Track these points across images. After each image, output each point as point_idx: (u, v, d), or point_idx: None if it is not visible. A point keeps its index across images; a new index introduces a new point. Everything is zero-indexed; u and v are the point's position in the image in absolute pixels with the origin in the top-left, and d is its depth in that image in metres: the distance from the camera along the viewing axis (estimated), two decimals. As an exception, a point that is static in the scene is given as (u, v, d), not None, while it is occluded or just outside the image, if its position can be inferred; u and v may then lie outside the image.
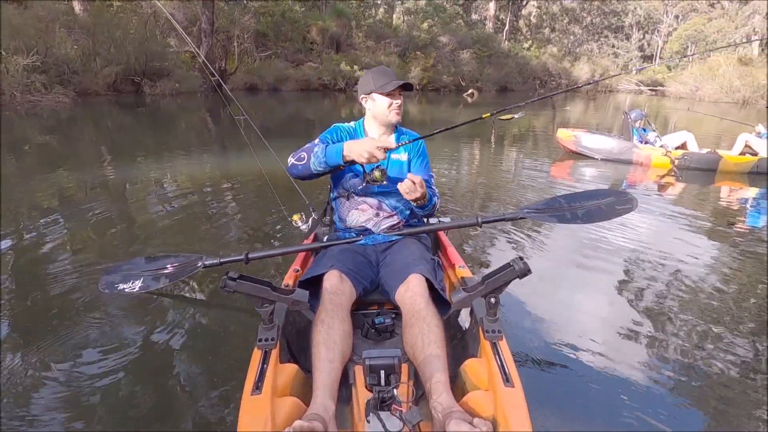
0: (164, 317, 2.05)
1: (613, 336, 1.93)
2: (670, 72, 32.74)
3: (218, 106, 12.19)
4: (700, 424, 1.47)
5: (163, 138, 7.24)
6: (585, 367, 1.70)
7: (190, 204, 3.72)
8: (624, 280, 2.44)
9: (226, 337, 1.91)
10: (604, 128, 10.26)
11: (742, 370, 1.71)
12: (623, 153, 5.74)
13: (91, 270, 2.44)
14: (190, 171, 4.91)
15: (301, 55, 18.20)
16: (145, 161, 5.27)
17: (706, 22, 33.51)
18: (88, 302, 2.13)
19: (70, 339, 1.86)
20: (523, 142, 8.22)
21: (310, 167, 1.58)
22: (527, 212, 1.75)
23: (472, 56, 22.96)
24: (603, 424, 1.43)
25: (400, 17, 24.82)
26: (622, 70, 26.18)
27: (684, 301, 2.23)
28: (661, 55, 38.47)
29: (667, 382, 1.64)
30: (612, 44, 40.32)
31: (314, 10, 20.16)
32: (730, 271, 2.61)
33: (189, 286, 2.36)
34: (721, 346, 1.86)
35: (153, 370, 1.71)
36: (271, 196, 3.54)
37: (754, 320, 2.06)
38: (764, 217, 3.91)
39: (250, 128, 3.10)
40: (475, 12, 31.79)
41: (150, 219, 3.37)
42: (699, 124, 11.78)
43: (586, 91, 26.05)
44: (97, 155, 5.64)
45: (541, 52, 28.67)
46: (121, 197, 3.87)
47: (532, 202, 1.86)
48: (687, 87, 22.82)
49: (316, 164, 1.57)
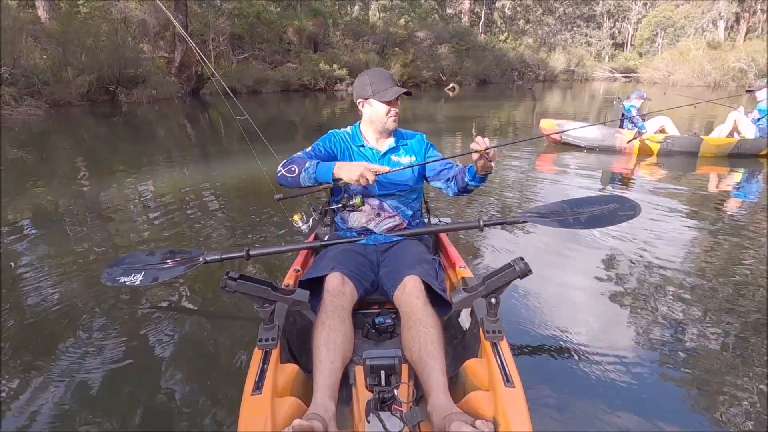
0: (164, 317, 2.06)
1: (614, 336, 1.93)
2: (641, 58, 33.52)
3: (197, 111, 12.02)
4: (701, 425, 1.45)
5: (147, 145, 7.07)
6: (586, 368, 1.70)
7: (188, 209, 3.69)
8: (625, 280, 2.42)
9: (226, 337, 1.92)
10: (581, 116, 10.50)
11: (745, 370, 1.70)
12: (606, 140, 5.82)
13: (90, 268, 2.44)
14: (181, 177, 4.81)
15: (279, 56, 18.00)
16: (131, 171, 5.15)
17: (674, 8, 34.38)
18: (86, 303, 2.14)
19: (69, 340, 1.88)
20: (504, 134, 8.30)
21: (299, 181, 1.58)
22: (530, 216, 1.76)
23: (450, 50, 23.09)
24: (604, 425, 1.43)
25: (376, 14, 24.77)
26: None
27: (689, 301, 2.19)
28: (632, 42, 39.34)
29: (668, 383, 1.64)
30: (585, 33, 41.07)
31: (289, 10, 19.95)
32: (733, 266, 2.58)
33: (190, 285, 2.37)
34: (726, 348, 1.84)
35: (153, 370, 1.71)
36: (272, 197, 3.55)
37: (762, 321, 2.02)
38: (748, 199, 4.03)
39: (236, 129, 3.05)
40: (450, 6, 31.92)
41: (144, 227, 3.30)
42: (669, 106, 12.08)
43: (563, 80, 26.45)
44: (74, 168, 5.47)
45: (517, 44, 29.01)
46: (112, 207, 3.76)
47: (533, 204, 1.87)
48: (660, 72, 23.42)
49: (306, 179, 1.57)
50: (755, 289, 2.29)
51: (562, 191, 4.20)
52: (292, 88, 17.14)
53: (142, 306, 2.14)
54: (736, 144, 5.21)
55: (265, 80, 16.42)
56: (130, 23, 14.35)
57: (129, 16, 14.44)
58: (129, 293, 2.24)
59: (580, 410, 1.48)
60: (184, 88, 14.27)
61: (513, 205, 3.76)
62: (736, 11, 27.29)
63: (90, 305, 2.14)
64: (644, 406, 1.52)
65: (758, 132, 5.22)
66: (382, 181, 1.67)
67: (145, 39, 15.03)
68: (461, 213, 3.63)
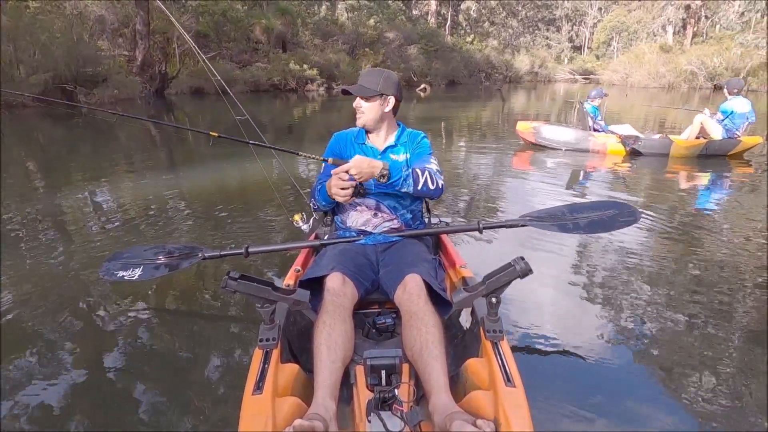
0: (164, 317, 2.06)
1: (614, 336, 1.94)
2: (598, 61, 35.10)
3: (161, 113, 11.52)
4: (701, 424, 1.46)
5: (109, 150, 6.67)
6: (586, 368, 1.71)
7: (186, 209, 3.65)
8: (626, 280, 2.44)
9: (226, 337, 1.92)
10: (544, 116, 10.89)
11: (744, 369, 1.72)
12: (580, 142, 6.05)
13: (87, 267, 2.41)
14: (144, 185, 4.56)
15: (246, 56, 17.56)
16: (90, 178, 4.79)
17: (627, 13, 36.17)
18: (85, 302, 2.14)
19: (68, 339, 1.87)
20: (474, 134, 8.44)
21: (323, 206, 1.73)
22: (529, 220, 1.79)
23: (419, 51, 23.31)
24: (604, 424, 1.43)
25: (344, 14, 24.63)
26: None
27: (689, 301, 2.21)
28: (589, 45, 41.11)
29: (668, 383, 1.64)
30: (545, 36, 42.52)
31: (256, 9, 19.49)
32: (730, 260, 2.64)
33: (190, 285, 2.36)
34: (726, 349, 1.84)
35: (153, 370, 1.71)
36: (272, 197, 3.58)
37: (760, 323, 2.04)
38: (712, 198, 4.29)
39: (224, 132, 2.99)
40: (416, 7, 32.20)
41: (99, 239, 3.06)
42: (630, 109, 12.75)
43: (527, 81, 27.27)
44: (27, 174, 5.11)
45: (483, 46, 29.66)
46: (71, 217, 3.51)
47: (534, 209, 1.91)
48: (618, 74, 24.62)
49: (325, 204, 1.69)
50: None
51: (540, 189, 4.37)
52: (262, 88, 16.76)
53: (142, 305, 2.13)
54: (704, 145, 5.47)
55: (233, 80, 15.95)
56: (87, 19, 13.55)
57: (85, 12, 13.63)
58: (130, 293, 2.22)
59: (580, 410, 1.48)
60: (148, 88, 13.65)
61: (499, 202, 3.86)
62: (683, 17, 29.07)
63: (88, 305, 2.10)
64: (645, 406, 1.52)
65: (724, 133, 5.48)
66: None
67: (102, 36, 14.26)
68: (461, 213, 3.66)
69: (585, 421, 1.44)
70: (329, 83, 18.76)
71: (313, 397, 1.12)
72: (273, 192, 3.54)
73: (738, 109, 5.40)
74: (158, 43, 15.19)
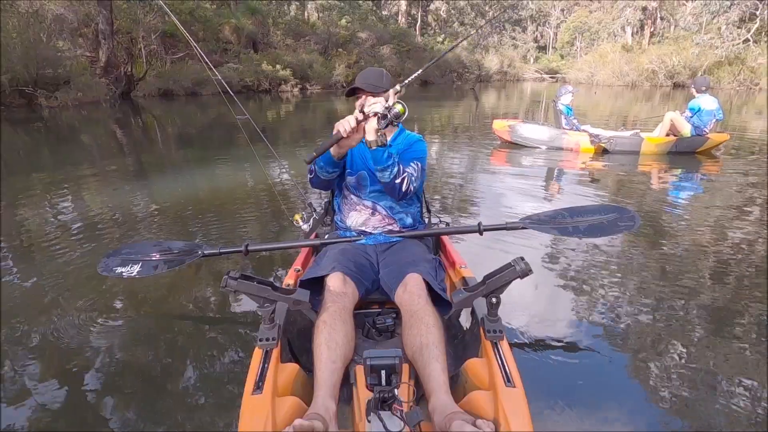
0: (164, 316, 2.05)
1: (615, 336, 1.94)
2: (563, 60, 36.21)
3: (128, 116, 11.08)
4: (702, 424, 1.45)
5: (73, 155, 6.35)
6: (587, 368, 1.72)
7: (186, 211, 3.63)
8: (626, 281, 2.43)
9: (226, 337, 1.92)
10: (513, 114, 11.14)
11: (744, 369, 1.71)
12: (554, 141, 6.17)
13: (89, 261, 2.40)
14: (112, 192, 4.37)
15: (216, 56, 17.10)
16: (52, 185, 4.54)
17: (588, 14, 37.44)
18: (85, 302, 2.14)
19: (67, 339, 1.87)
20: (450, 132, 8.54)
21: (319, 174, 1.66)
22: (529, 223, 1.82)
23: (392, 51, 23.36)
24: (604, 424, 1.43)
25: (314, 14, 24.42)
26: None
27: (690, 301, 2.21)
28: (554, 45, 42.34)
29: (669, 382, 1.64)
30: (512, 36, 43.47)
31: (224, 8, 19.03)
32: (729, 259, 2.65)
33: (190, 284, 2.34)
34: (727, 350, 1.83)
35: (153, 370, 1.71)
36: (272, 197, 3.62)
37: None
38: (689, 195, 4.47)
39: (171, 135, 2.94)
40: (386, 8, 32.28)
41: (62, 252, 2.89)
42: (596, 106, 13.24)
43: (497, 80, 27.83)
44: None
45: (454, 46, 30.01)
46: (32, 229, 3.31)
47: (534, 212, 1.96)
48: (584, 73, 25.48)
49: (321, 171, 1.64)
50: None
51: (518, 187, 4.47)
52: (235, 89, 16.26)
53: (141, 305, 2.12)
54: (674, 143, 5.67)
55: (204, 81, 15.54)
56: (44, 18, 12.87)
57: (41, 11, 12.93)
58: (128, 293, 2.20)
59: (580, 410, 1.48)
60: (113, 91, 13.11)
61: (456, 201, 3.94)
62: (641, 18, 30.39)
63: (86, 305, 2.10)
64: (645, 405, 1.53)
65: (693, 130, 5.66)
66: (373, 176, 1.65)
67: (62, 36, 13.57)
68: (461, 214, 3.68)
69: (585, 421, 1.44)
70: (303, 84, 18.55)
71: (312, 396, 1.12)
72: (273, 192, 3.60)
73: (705, 106, 5.55)
74: (122, 43, 14.60)
